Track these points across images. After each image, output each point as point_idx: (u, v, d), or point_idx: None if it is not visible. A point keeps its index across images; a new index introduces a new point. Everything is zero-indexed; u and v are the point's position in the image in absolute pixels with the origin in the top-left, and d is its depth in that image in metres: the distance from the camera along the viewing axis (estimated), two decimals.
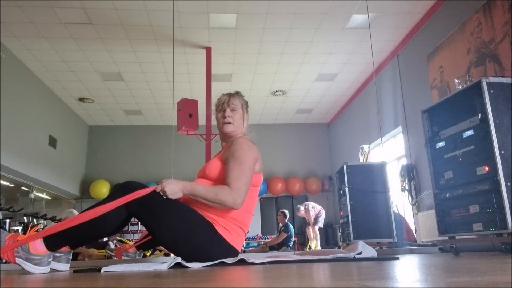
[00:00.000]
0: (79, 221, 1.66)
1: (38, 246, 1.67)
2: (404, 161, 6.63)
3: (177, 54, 6.69)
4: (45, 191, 9.02)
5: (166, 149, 9.65)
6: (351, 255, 2.10)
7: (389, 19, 6.03)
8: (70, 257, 1.83)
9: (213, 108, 2.21)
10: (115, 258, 3.27)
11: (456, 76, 3.75)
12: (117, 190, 1.80)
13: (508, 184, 2.40)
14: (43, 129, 7.97)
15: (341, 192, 4.88)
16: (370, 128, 7.79)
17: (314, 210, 8.02)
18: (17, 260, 1.64)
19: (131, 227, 9.36)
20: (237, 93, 2.20)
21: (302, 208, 8.02)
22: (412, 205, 6.12)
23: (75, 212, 4.97)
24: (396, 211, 4.97)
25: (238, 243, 1.92)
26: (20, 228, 5.73)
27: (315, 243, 7.93)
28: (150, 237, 2.44)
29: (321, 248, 7.69)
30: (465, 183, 2.70)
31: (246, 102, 2.23)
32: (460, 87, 2.89)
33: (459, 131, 2.78)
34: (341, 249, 3.26)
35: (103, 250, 3.69)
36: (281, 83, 8.25)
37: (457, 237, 2.83)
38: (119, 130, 10.55)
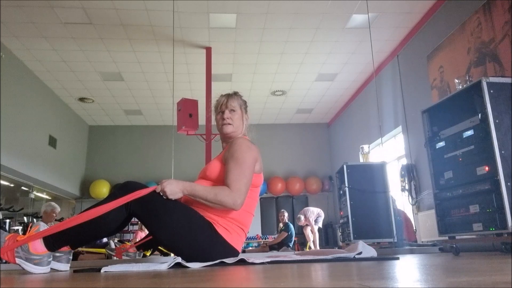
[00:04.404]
0: (79, 221, 1.66)
1: (38, 246, 1.67)
2: (404, 161, 6.63)
3: (177, 54, 6.69)
4: (45, 191, 9.02)
5: (166, 149, 9.65)
6: (351, 255, 2.10)
7: (389, 19, 6.03)
8: (70, 257, 1.83)
9: (212, 109, 2.21)
10: (115, 258, 3.27)
11: (456, 76, 3.76)
12: (117, 190, 1.80)
13: (508, 184, 2.40)
14: (43, 129, 7.97)
15: (341, 192, 4.88)
16: (370, 128, 7.79)
17: (313, 214, 8.02)
18: (17, 260, 1.64)
19: (131, 227, 9.37)
20: (235, 94, 2.19)
21: (302, 217, 8.00)
22: (412, 205, 6.12)
23: (54, 205, 4.98)
24: (400, 209, 4.99)
25: (238, 243, 1.92)
26: (20, 228, 5.74)
27: (312, 244, 7.92)
28: (150, 237, 2.44)
29: (320, 248, 7.69)
30: (465, 183, 2.70)
31: (245, 102, 2.22)
32: (460, 87, 2.89)
33: (459, 131, 2.78)
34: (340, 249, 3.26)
35: (103, 250, 3.69)
36: (281, 83, 8.25)
37: (457, 237, 2.83)
38: (119, 130, 10.55)
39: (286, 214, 7.74)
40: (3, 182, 7.53)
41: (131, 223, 8.36)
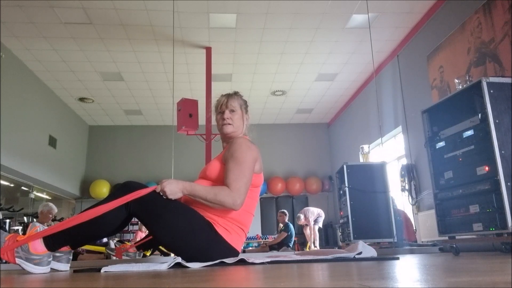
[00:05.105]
0: (78, 221, 1.66)
1: (38, 246, 1.67)
2: (404, 161, 6.63)
3: (177, 54, 6.69)
4: (45, 191, 9.02)
5: (166, 149, 9.65)
6: (351, 255, 2.10)
7: (389, 19, 6.03)
8: (70, 257, 1.83)
9: (213, 109, 2.20)
10: (115, 258, 3.27)
11: (456, 76, 3.75)
12: (117, 190, 1.80)
13: (508, 184, 2.40)
14: (43, 129, 7.97)
15: (341, 192, 4.88)
16: (370, 128, 7.79)
17: (313, 214, 8.02)
18: (17, 260, 1.64)
19: (131, 227, 9.37)
20: (236, 94, 2.18)
21: (302, 216, 7.99)
22: (412, 205, 6.12)
23: (51, 205, 4.99)
24: (400, 209, 4.99)
25: (238, 243, 1.92)
26: (20, 228, 5.74)
27: (312, 244, 7.92)
28: (150, 237, 2.44)
29: (320, 248, 7.69)
30: (465, 183, 2.70)
31: (245, 102, 2.21)
32: (460, 87, 2.89)
33: (459, 131, 2.78)
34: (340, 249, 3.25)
35: (103, 248, 3.69)
36: (281, 83, 8.25)
37: (457, 237, 2.83)
38: (119, 130, 10.55)
39: (286, 215, 7.74)
40: (3, 182, 7.53)
41: (131, 223, 8.37)
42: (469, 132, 2.69)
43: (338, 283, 0.93)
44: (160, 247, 2.86)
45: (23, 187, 8.27)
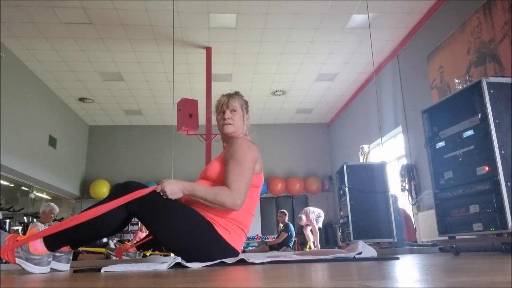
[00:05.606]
0: (78, 220, 1.66)
1: (38, 246, 1.67)
2: (404, 161, 6.63)
3: (177, 54, 6.69)
4: (45, 191, 9.02)
5: (166, 149, 9.65)
6: (351, 255, 2.10)
7: (389, 19, 6.03)
8: (71, 257, 1.83)
9: (213, 109, 2.20)
10: (115, 258, 3.27)
11: (456, 76, 3.76)
12: (117, 190, 1.80)
13: (508, 184, 2.40)
14: (43, 129, 7.97)
15: (341, 192, 4.88)
16: (370, 128, 7.79)
17: (314, 214, 8.03)
18: (17, 260, 1.65)
19: (131, 227, 9.37)
20: (236, 94, 2.18)
21: (303, 216, 7.99)
22: (412, 205, 6.12)
23: (52, 205, 5.00)
24: (400, 208, 5.00)
25: (238, 243, 1.92)
26: (20, 228, 5.74)
27: (312, 244, 7.92)
28: (150, 237, 2.44)
29: (321, 248, 7.69)
30: (465, 183, 2.70)
31: (246, 102, 2.21)
32: (460, 87, 2.89)
33: (459, 131, 2.78)
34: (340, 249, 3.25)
35: (103, 249, 3.69)
36: (281, 83, 8.25)
37: (457, 237, 2.83)
38: (119, 130, 10.55)
39: (286, 215, 7.74)
40: (3, 182, 7.53)
41: (131, 223, 8.35)
42: (469, 132, 2.69)
43: (338, 283, 0.93)
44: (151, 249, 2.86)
45: (23, 187, 8.27)
